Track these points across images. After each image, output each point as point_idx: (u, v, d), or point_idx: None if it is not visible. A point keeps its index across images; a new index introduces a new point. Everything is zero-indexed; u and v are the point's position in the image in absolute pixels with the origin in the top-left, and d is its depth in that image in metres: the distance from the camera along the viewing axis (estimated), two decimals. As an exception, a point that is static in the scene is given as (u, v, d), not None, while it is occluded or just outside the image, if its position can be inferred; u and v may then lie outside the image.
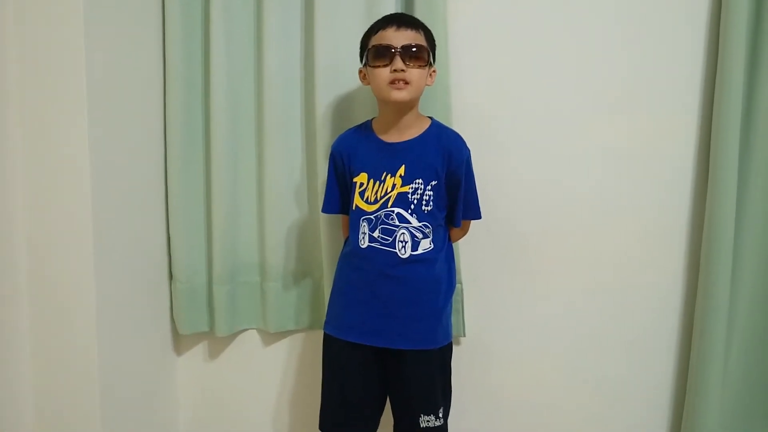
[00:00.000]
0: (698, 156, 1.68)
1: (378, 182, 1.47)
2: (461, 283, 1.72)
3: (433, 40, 1.50)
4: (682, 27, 1.66)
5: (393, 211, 1.46)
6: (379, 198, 1.47)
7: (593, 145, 1.71)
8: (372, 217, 1.47)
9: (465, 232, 1.61)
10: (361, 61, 1.50)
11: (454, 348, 1.59)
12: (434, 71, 1.50)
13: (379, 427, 1.58)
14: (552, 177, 1.73)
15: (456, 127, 1.59)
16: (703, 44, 1.65)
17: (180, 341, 1.96)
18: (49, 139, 1.52)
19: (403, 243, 1.45)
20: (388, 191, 1.46)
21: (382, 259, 1.45)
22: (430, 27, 1.51)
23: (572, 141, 1.72)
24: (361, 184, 1.50)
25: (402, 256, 1.45)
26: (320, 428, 1.56)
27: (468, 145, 1.50)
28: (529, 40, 1.71)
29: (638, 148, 1.70)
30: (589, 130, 1.71)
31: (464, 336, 1.76)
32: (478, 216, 1.54)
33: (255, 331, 1.92)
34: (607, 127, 1.70)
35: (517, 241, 1.76)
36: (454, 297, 1.60)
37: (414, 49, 1.40)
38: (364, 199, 1.49)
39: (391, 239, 1.45)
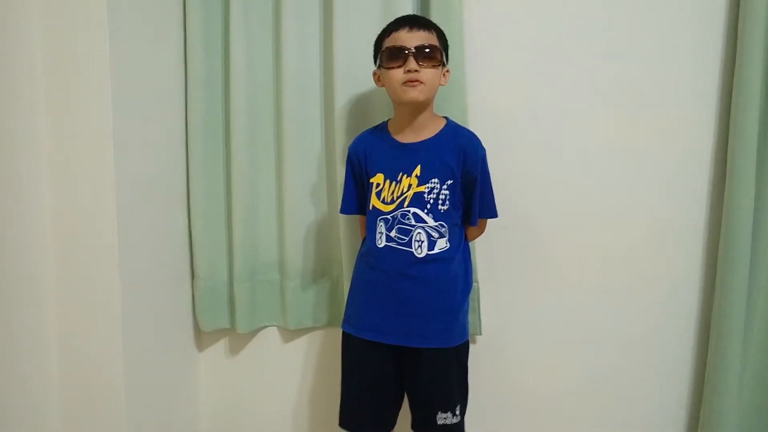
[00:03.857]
0: (715, 153, 1.65)
1: (394, 182, 1.48)
2: (478, 282, 1.72)
3: (446, 40, 1.50)
4: (699, 23, 1.64)
5: (409, 211, 1.46)
6: (395, 198, 1.48)
7: (610, 143, 1.70)
8: (389, 217, 1.48)
9: (482, 231, 1.61)
10: (375, 63, 1.51)
11: (471, 346, 1.59)
12: (447, 71, 1.51)
13: (397, 423, 1.59)
14: (568, 175, 1.72)
15: (472, 127, 1.59)
16: (720, 40, 1.62)
17: (202, 337, 1.99)
18: (74, 141, 1.55)
19: (420, 242, 1.45)
20: (404, 191, 1.47)
21: (399, 258, 1.46)
22: (446, 27, 1.52)
23: (589, 139, 1.71)
24: (378, 185, 1.51)
25: (418, 256, 1.45)
26: (340, 425, 1.58)
27: (483, 144, 1.50)
28: (545, 40, 1.70)
29: (655, 146, 1.68)
30: (605, 128, 1.70)
31: (481, 334, 1.76)
32: (494, 215, 1.54)
33: (275, 328, 1.95)
34: (624, 125, 1.69)
35: (533, 240, 1.75)
36: (470, 296, 1.60)
37: (427, 50, 1.41)
38: (381, 200, 1.50)
39: (407, 239, 1.46)
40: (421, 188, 1.46)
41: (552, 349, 1.79)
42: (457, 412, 1.51)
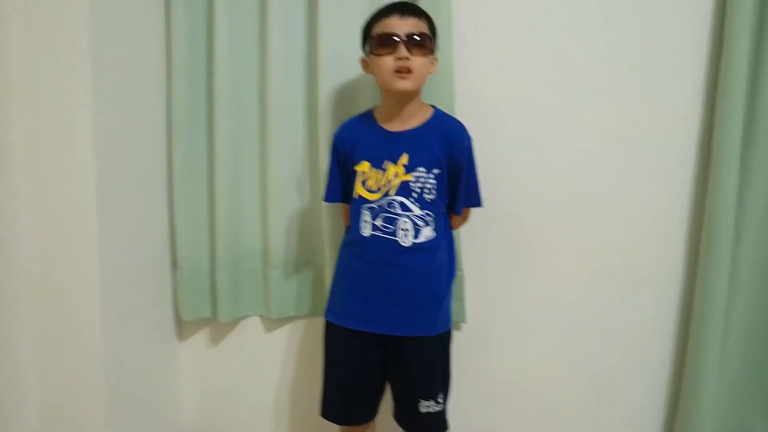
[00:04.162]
0: (700, 146, 1.67)
1: (380, 171, 1.48)
2: (462, 271, 1.73)
3: (435, 28, 1.49)
4: (686, 14, 1.65)
5: (395, 200, 1.46)
6: (381, 186, 1.47)
7: (596, 134, 1.71)
8: (374, 205, 1.48)
9: (466, 219, 1.62)
10: (363, 49, 1.50)
11: (455, 334, 1.60)
12: (436, 59, 1.50)
13: (379, 412, 1.59)
14: (554, 165, 1.73)
15: (459, 115, 1.59)
16: (707, 33, 1.64)
17: (183, 327, 1.97)
18: (53, 127, 1.52)
19: (405, 231, 1.45)
20: (391, 180, 1.46)
21: (384, 247, 1.46)
22: (434, 15, 1.51)
23: (575, 129, 1.71)
24: (363, 173, 1.50)
25: (404, 245, 1.45)
26: (321, 414, 1.58)
27: (470, 133, 1.51)
28: (533, 29, 1.70)
29: (640, 137, 1.69)
30: (592, 119, 1.70)
31: (465, 322, 1.77)
32: (479, 204, 1.55)
33: (257, 317, 1.93)
34: (610, 116, 1.70)
35: (517, 229, 1.76)
36: (455, 284, 1.61)
37: (418, 38, 1.40)
38: (366, 188, 1.49)
39: (393, 227, 1.45)
40: (408, 177, 1.46)
41: (535, 337, 1.80)
42: (440, 400, 1.51)
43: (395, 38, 1.39)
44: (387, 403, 1.58)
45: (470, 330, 1.81)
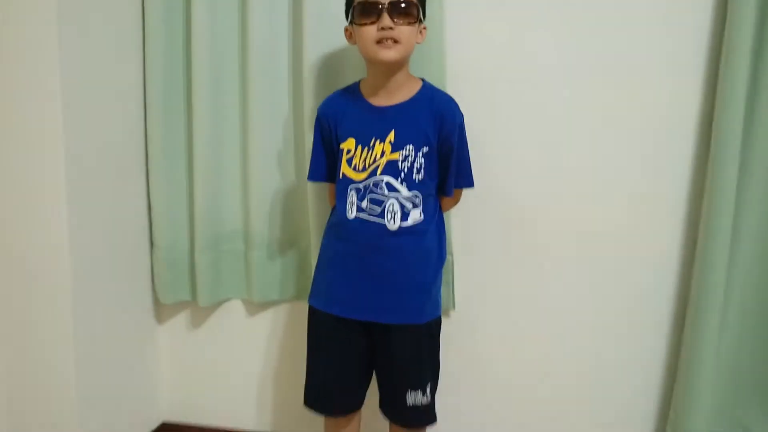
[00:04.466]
0: (700, 127, 1.60)
1: (366, 148, 1.41)
2: (452, 255, 1.68)
3: None
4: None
5: (382, 180, 1.40)
6: (367, 165, 1.41)
7: (592, 114, 1.64)
8: (360, 186, 1.42)
9: (456, 201, 1.57)
10: (347, 18, 1.43)
11: (444, 321, 1.56)
12: (424, 28, 1.43)
13: (365, 403, 1.56)
14: (549, 145, 1.67)
15: (451, 90, 1.54)
16: (710, 9, 1.55)
17: (162, 310, 1.95)
18: (20, 101, 1.48)
19: (393, 214, 1.39)
20: (377, 158, 1.40)
21: (371, 230, 1.41)
22: (423, -18, 1.43)
23: (571, 108, 1.64)
24: (349, 151, 1.44)
25: (391, 228, 1.39)
26: (305, 404, 1.54)
27: (462, 110, 1.44)
28: (530, 2, 1.62)
29: (638, 118, 1.62)
30: (588, 98, 1.63)
31: (454, 309, 1.73)
32: (470, 184, 1.50)
33: (239, 300, 1.90)
34: (608, 95, 1.63)
35: (510, 212, 1.71)
36: (444, 269, 1.57)
37: (403, 5, 1.33)
38: (352, 167, 1.43)
39: (379, 209, 1.40)
40: (395, 155, 1.39)
41: (526, 324, 1.75)
42: (428, 391, 1.47)
43: (378, 6, 1.32)
44: (373, 393, 1.54)
45: (459, 317, 1.77)
